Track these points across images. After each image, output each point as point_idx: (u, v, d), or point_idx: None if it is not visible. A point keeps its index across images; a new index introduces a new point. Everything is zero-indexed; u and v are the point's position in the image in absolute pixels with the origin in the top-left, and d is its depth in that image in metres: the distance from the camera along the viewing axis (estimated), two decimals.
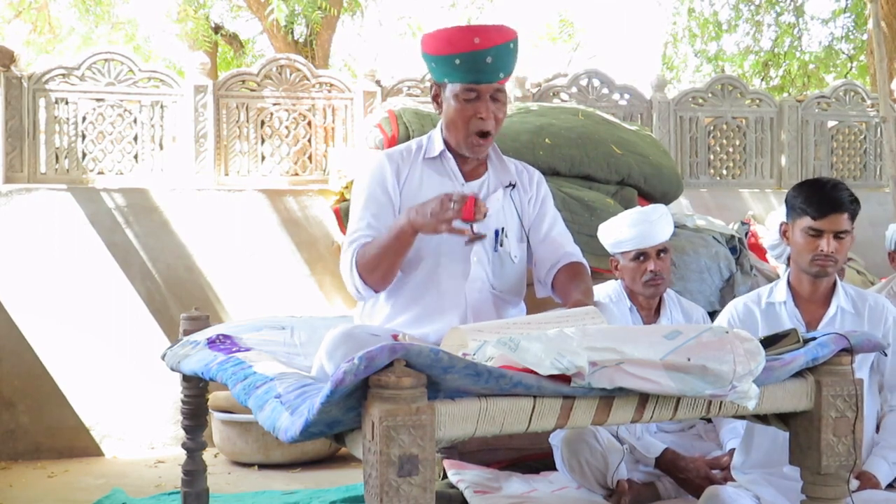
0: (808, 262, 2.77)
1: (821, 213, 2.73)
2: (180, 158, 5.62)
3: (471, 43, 2.44)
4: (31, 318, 5.19)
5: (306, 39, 9.63)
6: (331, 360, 2.22)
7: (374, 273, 2.49)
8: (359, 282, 2.52)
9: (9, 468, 4.93)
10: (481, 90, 2.51)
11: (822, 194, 2.75)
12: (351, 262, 2.53)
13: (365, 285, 2.52)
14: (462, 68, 2.48)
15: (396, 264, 2.50)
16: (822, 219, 2.73)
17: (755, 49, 12.83)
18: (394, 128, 4.55)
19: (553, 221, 2.74)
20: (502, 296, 2.62)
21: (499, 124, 2.58)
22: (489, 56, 2.45)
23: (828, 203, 2.73)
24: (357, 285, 2.53)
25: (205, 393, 3.30)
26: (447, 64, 2.50)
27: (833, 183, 2.78)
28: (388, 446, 1.60)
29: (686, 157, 6.57)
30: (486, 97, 2.52)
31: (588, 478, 3.16)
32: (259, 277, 5.49)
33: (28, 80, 5.42)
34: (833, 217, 2.73)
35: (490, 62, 2.46)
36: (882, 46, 5.59)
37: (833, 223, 2.73)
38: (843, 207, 2.73)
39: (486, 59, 2.45)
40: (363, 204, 2.62)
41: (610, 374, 1.72)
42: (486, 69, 2.47)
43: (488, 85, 2.50)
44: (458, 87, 2.51)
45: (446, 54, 2.48)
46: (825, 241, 2.73)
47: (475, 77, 2.49)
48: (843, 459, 2.00)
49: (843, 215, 2.73)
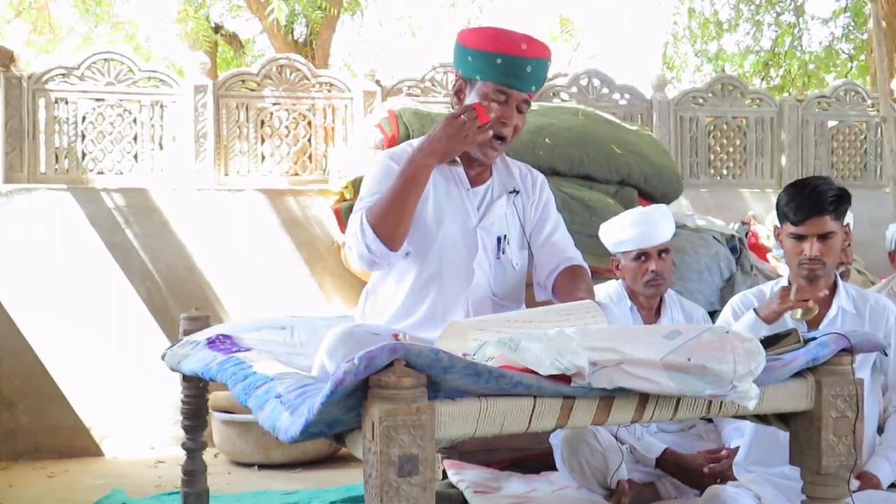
0: (797, 267, 2.78)
1: (799, 218, 2.71)
2: (180, 158, 5.62)
3: (517, 47, 2.43)
4: (31, 318, 5.19)
5: (306, 39, 9.63)
6: (331, 360, 2.21)
7: (388, 218, 2.38)
8: (370, 235, 2.38)
9: (9, 468, 4.93)
10: (512, 96, 2.49)
11: (800, 198, 2.72)
12: (360, 220, 2.41)
13: (376, 238, 2.38)
14: (501, 69, 2.45)
15: (410, 206, 2.40)
16: (801, 224, 2.71)
17: (755, 49, 12.84)
18: (394, 128, 4.55)
19: (555, 226, 2.73)
20: (503, 302, 2.62)
21: (515, 133, 2.57)
22: (530, 65, 2.45)
23: (806, 207, 2.70)
24: (368, 242, 2.39)
25: (205, 393, 3.30)
26: (487, 61, 2.47)
27: (813, 185, 2.74)
28: (388, 446, 1.59)
29: (686, 157, 6.57)
30: (513, 104, 2.50)
31: (588, 478, 3.15)
32: (259, 277, 5.49)
33: (28, 80, 5.43)
34: (813, 221, 2.70)
35: (529, 71, 2.45)
36: (882, 46, 5.59)
37: (814, 227, 2.71)
38: (821, 210, 2.70)
39: (527, 66, 2.44)
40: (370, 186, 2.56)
41: (610, 374, 1.72)
42: (523, 76, 2.46)
43: (520, 93, 2.50)
44: (490, 86, 2.49)
45: (489, 51, 2.45)
46: (808, 245, 2.72)
47: (511, 81, 2.47)
48: (844, 459, 2.00)
49: (824, 218, 2.70)
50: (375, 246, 2.40)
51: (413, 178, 2.39)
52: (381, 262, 2.48)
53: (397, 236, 2.41)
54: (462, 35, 2.55)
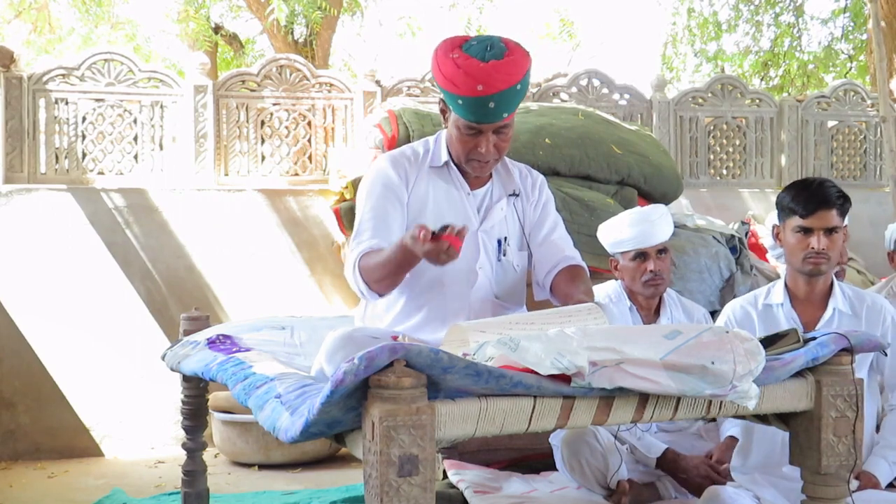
0: (801, 262, 2.78)
1: (808, 211, 2.74)
2: (180, 158, 5.62)
3: (473, 89, 2.40)
4: (31, 319, 5.19)
5: (306, 39, 9.62)
6: (330, 363, 2.22)
7: (380, 283, 2.47)
8: (363, 287, 2.49)
9: (9, 468, 4.93)
10: (482, 128, 2.49)
11: (808, 192, 2.76)
12: (354, 267, 2.50)
13: (370, 290, 2.50)
14: (464, 108, 2.45)
15: (401, 277, 2.48)
16: (810, 216, 2.74)
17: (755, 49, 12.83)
18: (394, 128, 4.55)
19: (553, 225, 2.74)
20: (504, 304, 2.63)
21: (501, 152, 2.57)
22: (491, 102, 2.42)
23: (815, 200, 2.74)
24: (361, 290, 2.51)
25: (205, 393, 3.30)
26: (451, 100, 2.48)
27: (819, 181, 2.80)
28: (388, 446, 1.60)
29: (686, 157, 6.57)
30: (487, 133, 2.50)
31: (588, 478, 3.15)
32: (259, 277, 5.49)
33: (28, 80, 5.42)
34: (821, 213, 2.73)
35: (493, 107, 2.43)
36: (882, 46, 5.59)
37: (822, 220, 2.73)
38: (830, 203, 2.74)
39: (488, 104, 2.43)
40: (369, 210, 2.58)
41: (610, 373, 1.72)
42: (488, 112, 2.45)
43: (490, 125, 2.49)
44: (461, 121, 2.50)
45: (449, 92, 2.45)
46: (815, 239, 2.74)
47: (477, 118, 2.46)
48: (843, 459, 2.00)
49: (832, 211, 2.74)
50: (368, 294, 2.52)
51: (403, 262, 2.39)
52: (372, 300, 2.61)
53: (389, 291, 2.53)
54: (433, 61, 2.51)
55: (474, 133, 2.50)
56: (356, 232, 2.58)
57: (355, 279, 2.50)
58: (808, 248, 2.75)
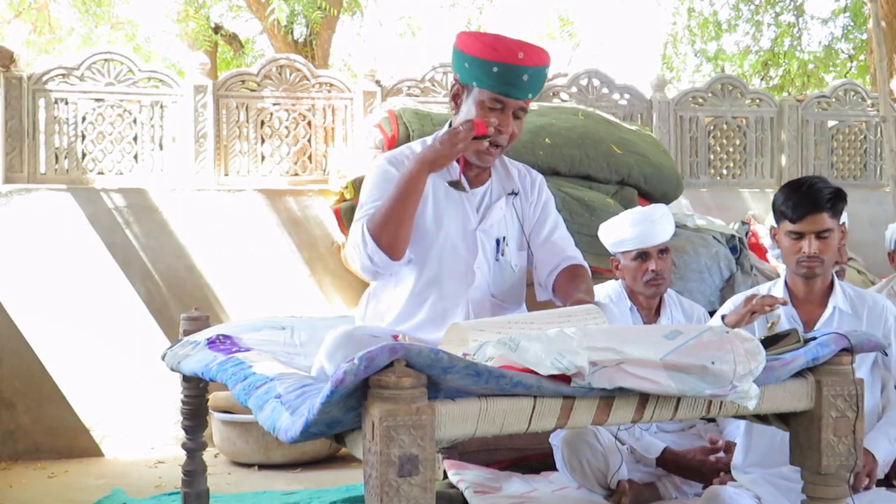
0: (795, 265, 2.78)
1: (798, 215, 2.72)
2: (180, 158, 5.62)
3: (514, 56, 2.42)
4: (31, 319, 5.19)
5: (306, 39, 9.62)
6: (331, 362, 2.22)
7: (387, 228, 2.41)
8: (371, 246, 2.42)
9: (9, 468, 4.93)
10: (508, 104, 2.49)
11: (798, 196, 2.73)
12: (361, 230, 2.45)
13: (378, 248, 2.42)
14: (497, 78, 2.45)
15: (408, 215, 2.43)
16: (800, 221, 2.72)
17: (755, 49, 12.84)
18: (394, 128, 4.55)
19: (554, 225, 2.74)
20: (502, 303, 2.63)
21: (512, 140, 2.57)
22: (527, 74, 2.44)
23: (803, 204, 2.71)
24: (370, 252, 2.44)
25: (205, 393, 3.30)
26: (483, 69, 2.46)
27: (809, 183, 2.76)
28: (388, 446, 1.59)
29: (686, 157, 6.56)
30: (509, 112, 2.51)
31: (588, 478, 3.16)
32: (259, 277, 5.49)
33: (28, 80, 5.42)
34: (811, 218, 2.71)
35: (526, 80, 2.45)
36: (882, 46, 5.59)
37: (812, 224, 2.72)
38: (819, 207, 2.71)
39: (523, 75, 2.44)
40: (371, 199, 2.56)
41: (610, 373, 1.72)
42: (520, 85, 2.46)
43: (516, 101, 2.50)
44: (486, 94, 2.49)
45: (486, 59, 2.44)
46: (807, 243, 2.72)
47: (507, 90, 2.47)
48: (844, 459, 2.00)
49: (822, 215, 2.72)
50: (377, 256, 2.44)
51: (409, 187, 2.41)
52: (383, 272, 2.53)
53: (398, 245, 2.45)
54: (460, 40, 2.54)
55: (499, 109, 2.49)
56: (357, 217, 2.56)
57: (363, 241, 2.43)
58: (799, 252, 2.74)
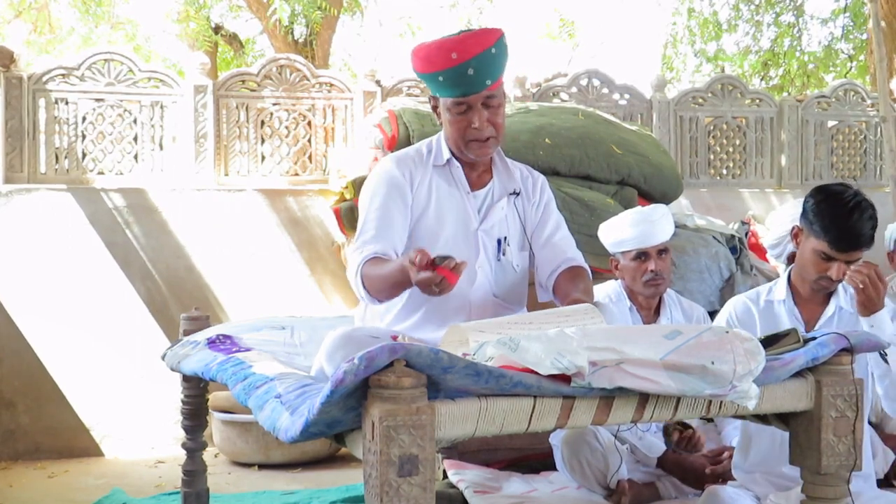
0: (813, 280, 2.71)
1: (840, 249, 2.61)
2: (180, 158, 5.62)
3: (448, 59, 2.42)
4: (31, 319, 5.19)
5: (306, 39, 9.62)
6: (330, 363, 2.22)
7: (380, 294, 2.46)
8: (364, 294, 2.48)
9: (9, 468, 4.93)
10: (470, 101, 2.49)
11: (844, 228, 2.59)
12: (357, 273, 2.49)
13: (371, 297, 2.49)
14: (446, 84, 2.46)
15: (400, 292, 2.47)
16: (839, 253, 2.63)
17: (755, 49, 12.83)
18: (394, 128, 4.55)
19: (556, 226, 2.74)
20: (504, 303, 2.63)
21: (499, 129, 2.56)
22: (470, 68, 2.42)
23: (848, 240, 2.60)
24: (362, 295, 2.50)
25: (205, 393, 3.30)
26: (431, 81, 2.51)
27: (859, 212, 2.59)
28: (388, 446, 1.59)
29: (686, 157, 6.56)
30: (477, 106, 2.50)
31: (588, 478, 3.15)
32: (259, 277, 5.49)
33: (28, 80, 5.42)
34: (851, 253, 2.63)
35: (472, 73, 2.43)
36: (882, 46, 5.59)
37: (849, 256, 2.64)
38: (862, 244, 2.62)
39: (467, 71, 2.42)
40: (374, 210, 2.57)
41: (610, 373, 1.72)
42: (470, 81, 2.45)
43: (476, 95, 2.48)
44: (449, 101, 2.51)
45: (427, 72, 2.48)
46: (836, 269, 2.64)
47: (461, 90, 2.47)
48: (843, 459, 2.00)
49: (861, 251, 2.64)
50: (369, 300, 2.51)
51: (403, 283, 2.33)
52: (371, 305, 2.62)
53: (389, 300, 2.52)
54: (411, 60, 2.56)
55: (464, 110, 2.50)
56: (360, 231, 2.57)
57: (357, 285, 2.50)
58: (824, 272, 2.67)
